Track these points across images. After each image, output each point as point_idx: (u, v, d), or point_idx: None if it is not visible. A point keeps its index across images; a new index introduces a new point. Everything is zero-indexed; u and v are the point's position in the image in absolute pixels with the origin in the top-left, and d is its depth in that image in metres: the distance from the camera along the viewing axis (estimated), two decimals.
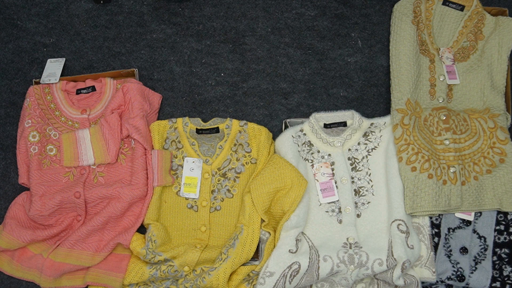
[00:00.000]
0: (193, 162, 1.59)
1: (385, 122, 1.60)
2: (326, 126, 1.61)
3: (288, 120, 1.64)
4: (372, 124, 1.60)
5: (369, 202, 1.56)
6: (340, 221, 1.54)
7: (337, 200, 1.55)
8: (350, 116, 1.61)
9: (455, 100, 1.65)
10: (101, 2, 1.75)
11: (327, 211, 1.55)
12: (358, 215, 1.55)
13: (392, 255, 1.45)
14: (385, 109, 1.69)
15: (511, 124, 1.63)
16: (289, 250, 1.46)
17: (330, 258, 1.47)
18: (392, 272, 1.45)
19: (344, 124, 1.60)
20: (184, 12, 1.76)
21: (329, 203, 1.55)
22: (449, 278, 1.50)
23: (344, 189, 1.56)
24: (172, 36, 1.74)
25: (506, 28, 1.64)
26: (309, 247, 1.49)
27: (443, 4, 1.68)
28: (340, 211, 1.55)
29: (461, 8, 1.67)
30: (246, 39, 1.74)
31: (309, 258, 1.46)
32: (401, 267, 1.44)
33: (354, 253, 1.47)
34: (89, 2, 1.76)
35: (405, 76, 1.59)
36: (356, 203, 1.56)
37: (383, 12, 1.75)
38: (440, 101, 1.62)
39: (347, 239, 1.51)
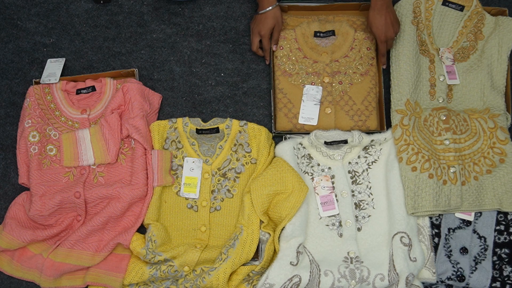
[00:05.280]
0: (193, 162, 1.59)
1: (385, 138, 1.59)
2: (326, 143, 1.58)
3: (288, 136, 1.62)
4: (372, 140, 1.58)
5: (369, 216, 1.55)
6: (341, 235, 1.53)
7: (338, 214, 1.54)
8: (350, 134, 1.58)
9: (455, 100, 1.65)
10: (101, 2, 1.75)
11: (327, 225, 1.54)
12: (359, 229, 1.54)
13: (394, 270, 1.45)
14: (385, 109, 1.69)
15: (511, 124, 1.63)
16: (290, 262, 1.45)
17: (331, 272, 1.46)
18: (397, 287, 1.45)
19: (345, 142, 1.58)
20: (184, 12, 1.76)
21: (329, 216, 1.54)
22: (449, 278, 1.50)
23: (345, 202, 1.55)
24: (172, 36, 1.74)
25: (506, 28, 1.64)
26: (310, 261, 1.48)
27: (443, 4, 1.68)
28: (340, 225, 1.54)
29: (461, 8, 1.67)
30: (246, 39, 1.74)
31: (310, 272, 1.45)
32: (405, 281, 1.44)
33: (355, 268, 1.47)
34: (89, 2, 1.76)
35: (404, 77, 1.59)
36: (356, 216, 1.55)
37: None
38: (440, 101, 1.62)
39: (348, 253, 1.50)
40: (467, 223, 1.54)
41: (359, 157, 1.60)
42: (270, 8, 1.58)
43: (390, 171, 1.55)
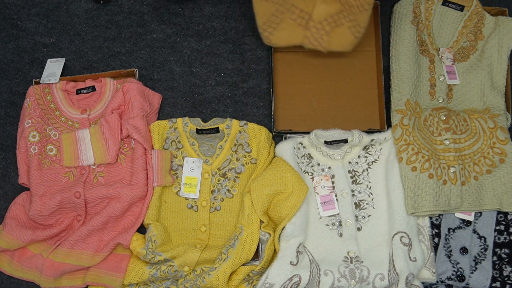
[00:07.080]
0: (193, 162, 1.59)
1: (385, 137, 1.59)
2: (326, 143, 1.59)
3: (288, 135, 1.62)
4: (372, 140, 1.59)
5: (369, 215, 1.55)
6: (341, 235, 1.53)
7: (338, 214, 1.54)
8: (350, 133, 1.59)
9: (455, 100, 1.65)
10: (101, 2, 1.75)
11: (327, 225, 1.54)
12: (359, 229, 1.54)
13: (394, 269, 1.45)
14: (385, 110, 1.69)
15: (511, 124, 1.63)
16: (290, 262, 1.45)
17: (331, 272, 1.46)
18: (397, 287, 1.45)
19: (345, 141, 1.58)
20: (184, 12, 1.76)
21: (329, 216, 1.54)
22: (449, 278, 1.50)
23: (345, 202, 1.55)
24: (172, 36, 1.74)
25: (506, 28, 1.64)
26: (310, 260, 1.48)
27: (443, 4, 1.68)
28: (340, 225, 1.54)
29: (461, 8, 1.68)
30: (246, 39, 1.74)
31: (310, 271, 1.45)
32: (405, 281, 1.44)
33: (355, 268, 1.47)
34: (89, 2, 1.76)
35: (404, 77, 1.59)
36: (356, 216, 1.55)
37: (383, 12, 1.75)
38: (440, 101, 1.62)
39: (348, 253, 1.50)
40: (467, 223, 1.54)
41: (359, 156, 1.60)
42: None
43: (390, 171, 1.54)
